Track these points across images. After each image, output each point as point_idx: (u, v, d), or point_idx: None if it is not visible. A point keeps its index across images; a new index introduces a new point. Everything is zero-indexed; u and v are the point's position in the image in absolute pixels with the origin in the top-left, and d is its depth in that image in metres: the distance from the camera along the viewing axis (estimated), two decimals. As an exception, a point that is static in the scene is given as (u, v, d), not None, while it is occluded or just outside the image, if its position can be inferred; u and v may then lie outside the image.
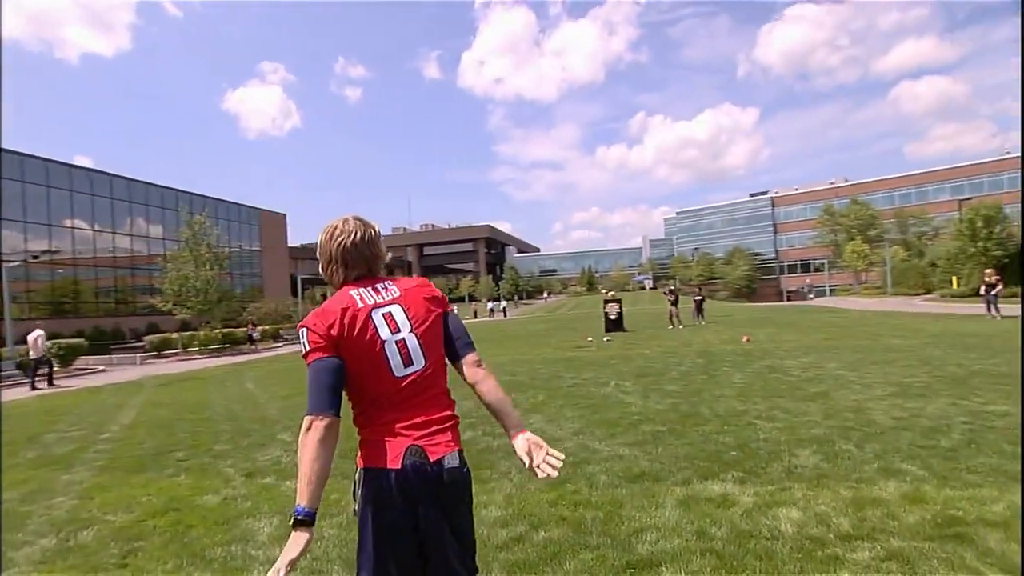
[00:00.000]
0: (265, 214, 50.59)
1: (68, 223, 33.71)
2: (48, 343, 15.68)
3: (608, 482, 3.90)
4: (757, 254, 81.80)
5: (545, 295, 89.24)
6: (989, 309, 17.29)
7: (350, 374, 1.51)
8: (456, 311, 1.79)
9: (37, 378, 14.53)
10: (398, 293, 1.63)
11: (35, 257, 30.78)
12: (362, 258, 1.67)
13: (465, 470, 1.56)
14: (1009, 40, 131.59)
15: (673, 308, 19.92)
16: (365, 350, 1.50)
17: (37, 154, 31.82)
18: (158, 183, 39.87)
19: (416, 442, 1.48)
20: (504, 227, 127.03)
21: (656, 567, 2.64)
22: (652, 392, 7.12)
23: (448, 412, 1.59)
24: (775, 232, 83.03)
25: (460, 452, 1.56)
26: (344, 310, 1.51)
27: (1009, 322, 15.14)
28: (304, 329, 1.51)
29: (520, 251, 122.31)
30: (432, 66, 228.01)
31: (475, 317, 47.18)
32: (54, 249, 31.68)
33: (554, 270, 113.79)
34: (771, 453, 4.26)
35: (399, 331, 1.55)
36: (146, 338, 22.13)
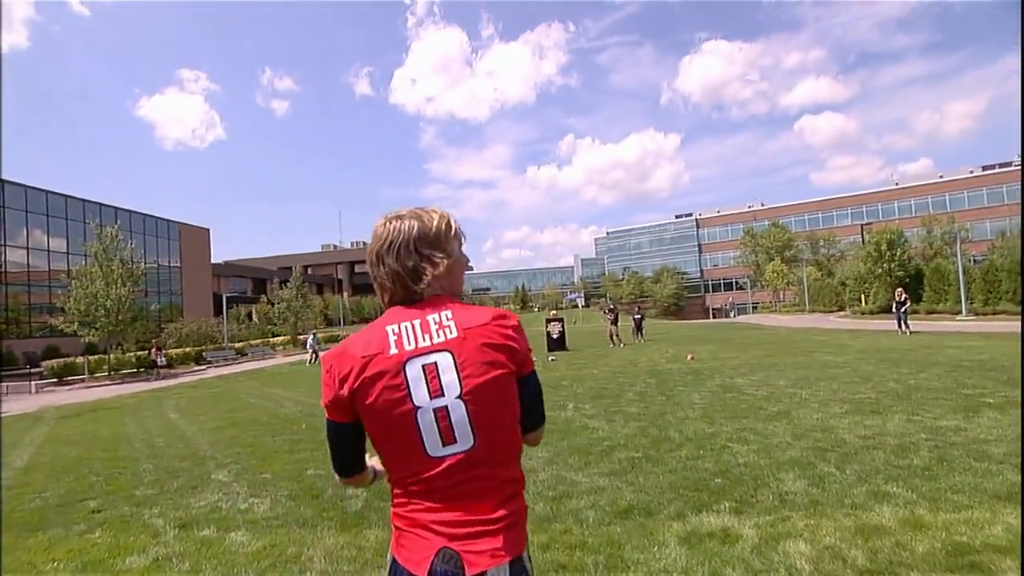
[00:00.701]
0: (186, 228, 47.44)
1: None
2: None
3: (598, 518, 3.64)
4: (683, 273, 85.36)
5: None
6: (900, 325, 18.69)
7: (374, 442, 1.15)
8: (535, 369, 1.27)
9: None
10: (455, 334, 1.13)
11: None
12: (396, 277, 1.19)
13: None
14: (890, 84, 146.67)
15: (613, 327, 20.18)
16: (389, 419, 1.09)
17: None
18: (61, 191, 36.44)
19: (451, 544, 1.08)
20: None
21: (681, 621, 2.39)
22: (615, 415, 6.97)
23: (505, 510, 1.11)
24: (700, 252, 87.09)
25: (515, 562, 1.09)
26: (366, 358, 1.10)
27: (919, 337, 16.37)
28: (324, 368, 1.16)
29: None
30: (363, 82, 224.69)
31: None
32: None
33: (487, 288, 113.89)
34: (756, 479, 4.15)
35: (442, 395, 1.09)
36: (44, 363, 19.82)
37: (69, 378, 20.79)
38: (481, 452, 1.10)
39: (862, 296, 37.21)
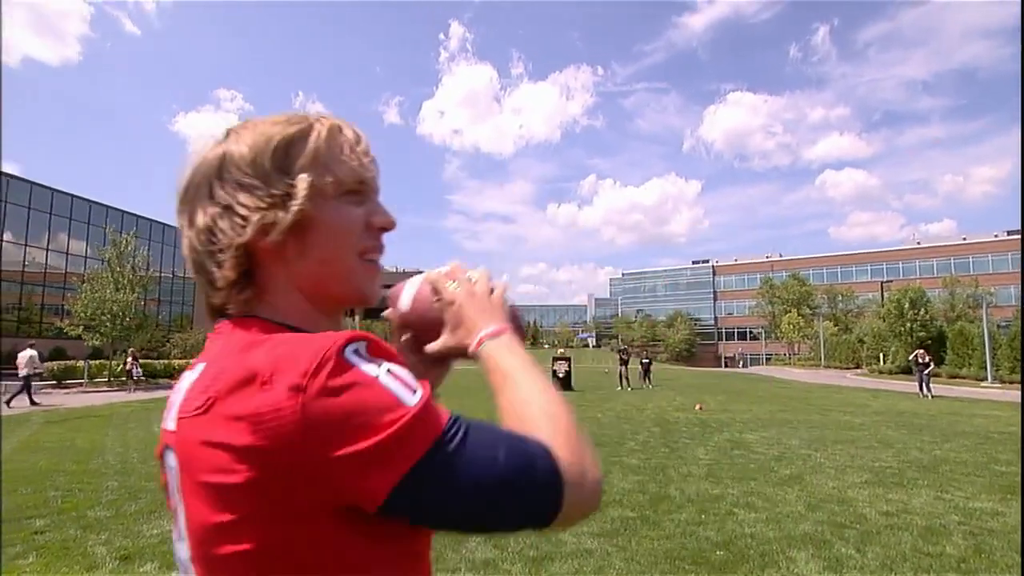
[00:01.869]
0: (203, 240, 47.91)
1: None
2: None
3: (580, 589, 3.20)
4: (697, 319, 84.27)
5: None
6: (921, 388, 17.88)
7: None
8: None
9: None
10: (175, 410, 0.55)
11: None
12: (191, 258, 0.61)
13: None
14: (914, 145, 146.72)
15: (623, 368, 19.64)
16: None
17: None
18: (86, 197, 37.19)
19: None
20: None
21: None
22: (613, 466, 6.49)
23: None
24: (715, 299, 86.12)
25: None
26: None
27: (942, 402, 15.59)
28: None
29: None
30: (392, 111, 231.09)
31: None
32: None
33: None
34: (764, 555, 3.68)
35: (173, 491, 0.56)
36: (44, 364, 19.73)
37: (68, 381, 20.61)
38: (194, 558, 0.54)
39: (880, 354, 36.14)
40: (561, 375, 19.14)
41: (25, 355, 14.93)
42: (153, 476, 6.14)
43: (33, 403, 14.53)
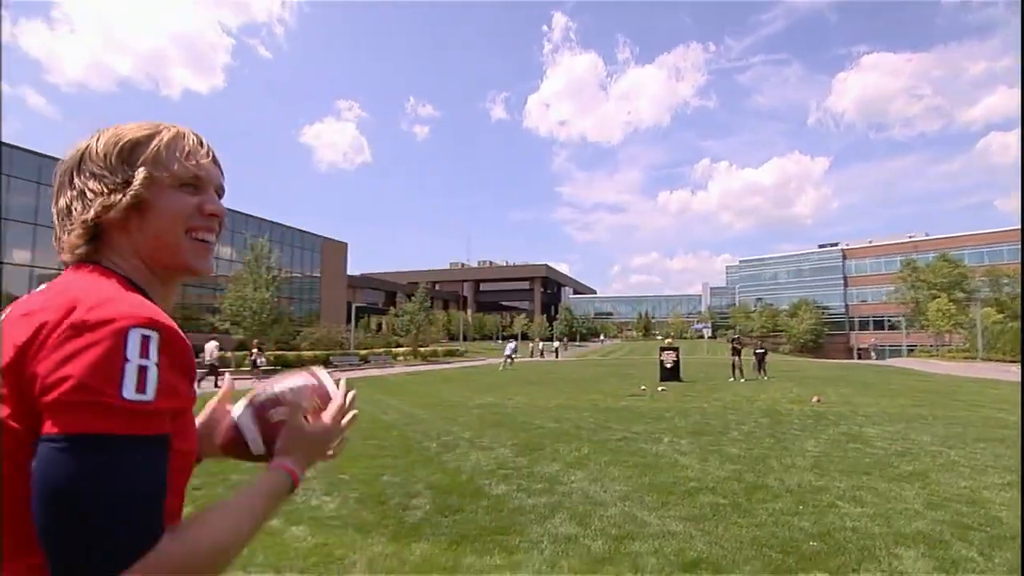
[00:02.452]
0: (327, 243, 52.38)
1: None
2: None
3: (657, 566, 3.22)
4: (824, 308, 77.40)
5: (601, 338, 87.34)
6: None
7: None
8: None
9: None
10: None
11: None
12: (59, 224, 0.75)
13: None
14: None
15: (736, 359, 18.66)
16: None
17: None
18: (232, 208, 42.16)
19: None
20: (562, 267, 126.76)
21: None
22: (711, 454, 6.29)
23: None
24: (845, 285, 78.54)
25: None
26: None
27: None
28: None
29: (576, 292, 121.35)
30: (499, 107, 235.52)
31: (531, 356, 46.36)
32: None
33: (610, 313, 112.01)
34: (864, 549, 3.44)
35: None
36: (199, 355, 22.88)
37: (220, 369, 23.66)
38: None
39: (1056, 346, 30.92)
40: (669, 365, 18.64)
41: (210, 345, 18.16)
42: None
43: (217, 386, 16.90)
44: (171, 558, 0.57)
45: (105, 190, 0.69)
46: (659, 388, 15.35)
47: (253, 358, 21.45)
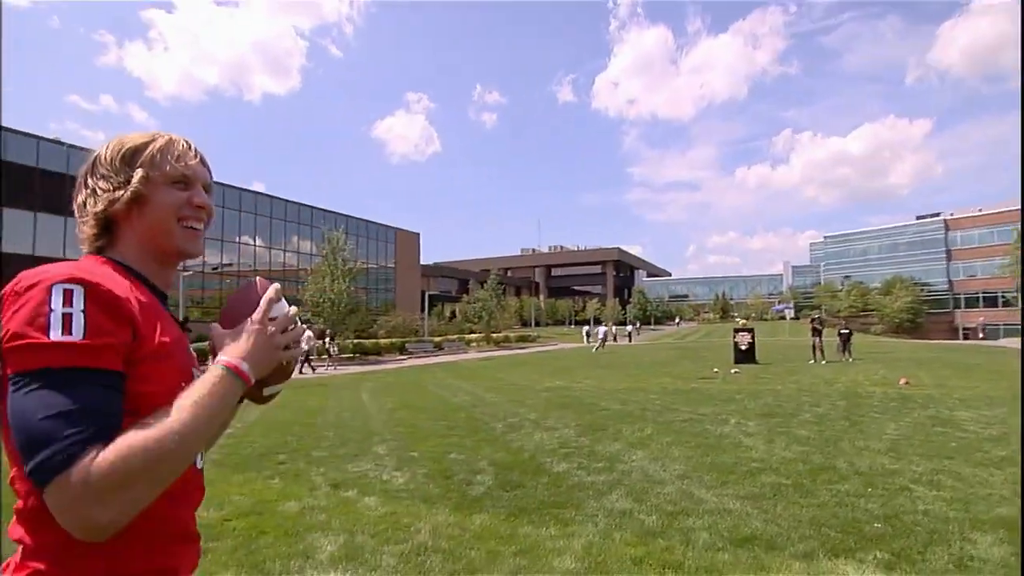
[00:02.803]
0: (401, 233, 54.17)
1: (238, 239, 38.80)
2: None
3: (709, 542, 3.26)
4: (924, 284, 71.32)
5: (676, 321, 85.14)
6: None
7: None
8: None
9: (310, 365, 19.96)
10: None
11: (213, 269, 35.80)
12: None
13: None
14: None
15: (816, 339, 17.75)
16: None
17: (218, 180, 37.24)
18: (311, 204, 44.59)
19: None
20: (635, 250, 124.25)
21: (754, 674, 2.03)
22: (779, 436, 6.14)
23: None
24: (948, 259, 71.90)
25: None
26: None
27: None
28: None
29: (650, 275, 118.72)
30: (566, 89, 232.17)
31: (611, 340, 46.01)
32: (226, 263, 36.57)
33: (685, 295, 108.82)
34: (933, 532, 3.31)
35: None
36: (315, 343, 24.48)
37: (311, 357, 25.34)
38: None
39: None
40: (743, 347, 18.03)
41: (306, 334, 19.57)
42: (360, 429, 7.45)
43: (312, 372, 19.48)
44: (104, 457, 0.65)
45: (111, 188, 0.86)
46: (732, 371, 14.91)
47: (327, 347, 22.88)
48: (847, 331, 19.19)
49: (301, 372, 18.75)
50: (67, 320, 0.69)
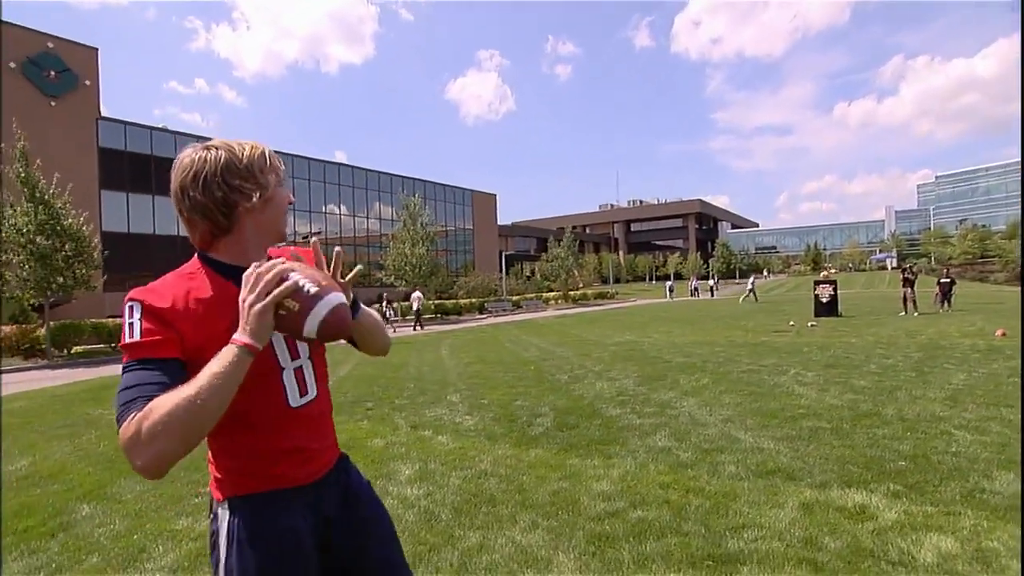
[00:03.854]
0: (477, 195, 55.16)
1: (325, 209, 41.37)
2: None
3: (734, 473, 3.65)
4: (1060, 225, 63.16)
5: (764, 273, 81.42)
6: None
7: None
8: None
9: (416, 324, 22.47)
10: None
11: (304, 237, 38.58)
12: (207, 210, 1.12)
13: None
14: None
15: (908, 291, 16.71)
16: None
17: (305, 154, 39.81)
18: (391, 171, 46.42)
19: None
20: (720, 201, 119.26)
21: (738, 564, 2.46)
22: (834, 385, 6.24)
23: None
24: (1092, 195, 63.00)
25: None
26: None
27: None
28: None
29: (735, 227, 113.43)
30: (643, 34, 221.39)
31: (690, 295, 45.28)
32: (316, 231, 39.27)
33: (773, 247, 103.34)
34: (955, 469, 3.49)
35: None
36: (373, 307, 26.33)
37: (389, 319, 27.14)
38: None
39: None
40: (825, 300, 17.37)
41: (414, 295, 23.28)
42: (437, 381, 8.27)
43: (420, 328, 22.05)
44: (138, 418, 0.90)
45: (252, 189, 1.09)
46: (809, 324, 14.53)
47: (384, 310, 23.46)
48: (948, 280, 17.87)
49: (415, 330, 21.75)
50: (131, 329, 1.01)
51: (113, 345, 17.17)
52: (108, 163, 29.32)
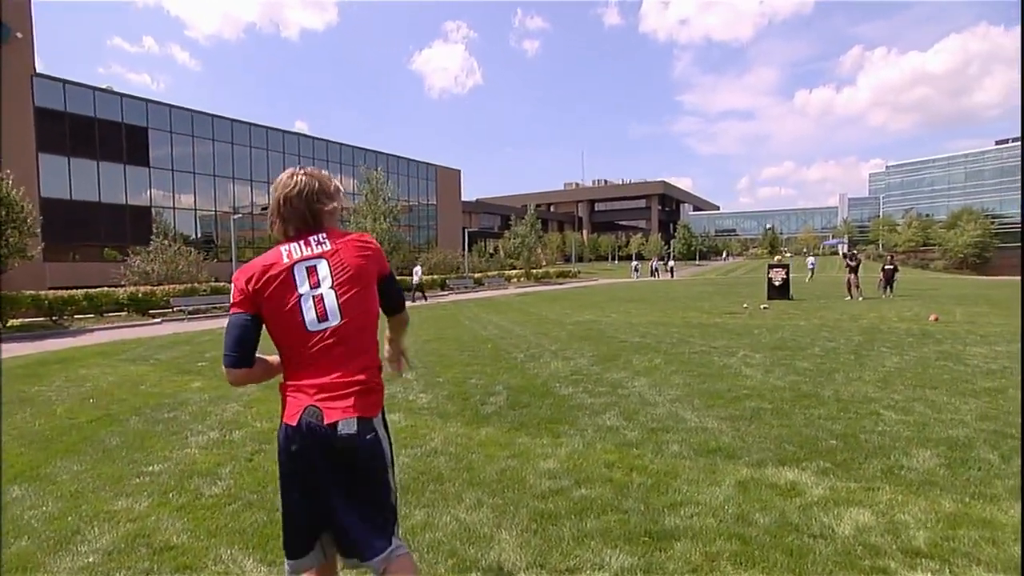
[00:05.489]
0: (441, 170, 54.38)
1: (285, 180, 40.18)
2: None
3: (677, 452, 3.78)
4: (996, 217, 66.87)
5: (724, 256, 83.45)
6: None
7: (269, 330, 1.59)
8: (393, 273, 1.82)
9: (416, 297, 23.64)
10: (329, 247, 1.61)
11: (263, 209, 37.38)
12: (298, 213, 1.65)
13: (368, 437, 1.52)
14: None
15: (852, 276, 17.45)
16: (280, 305, 1.54)
17: (264, 123, 38.33)
18: (354, 144, 45.18)
19: (315, 402, 1.49)
20: (683, 183, 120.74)
21: (672, 540, 2.57)
22: (778, 367, 6.50)
23: (361, 376, 1.54)
24: (1027, 188, 66.73)
25: (362, 419, 1.51)
26: (266, 266, 1.57)
27: None
28: (234, 278, 1.64)
29: (697, 209, 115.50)
30: (612, 12, 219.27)
31: (650, 275, 46.08)
32: (275, 202, 38.26)
33: (733, 230, 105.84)
34: (878, 448, 3.71)
35: (319, 286, 1.55)
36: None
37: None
38: (347, 327, 1.54)
39: None
40: (777, 283, 17.97)
41: (417, 269, 25.26)
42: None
43: (421, 300, 23.62)
44: (231, 376, 1.62)
45: (339, 202, 1.77)
46: (762, 306, 15.04)
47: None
48: (891, 267, 18.72)
49: (413, 301, 22.84)
50: (233, 293, 1.61)
51: (54, 318, 16.40)
52: (46, 124, 27.55)
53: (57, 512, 3.13)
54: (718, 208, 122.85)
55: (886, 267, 18.80)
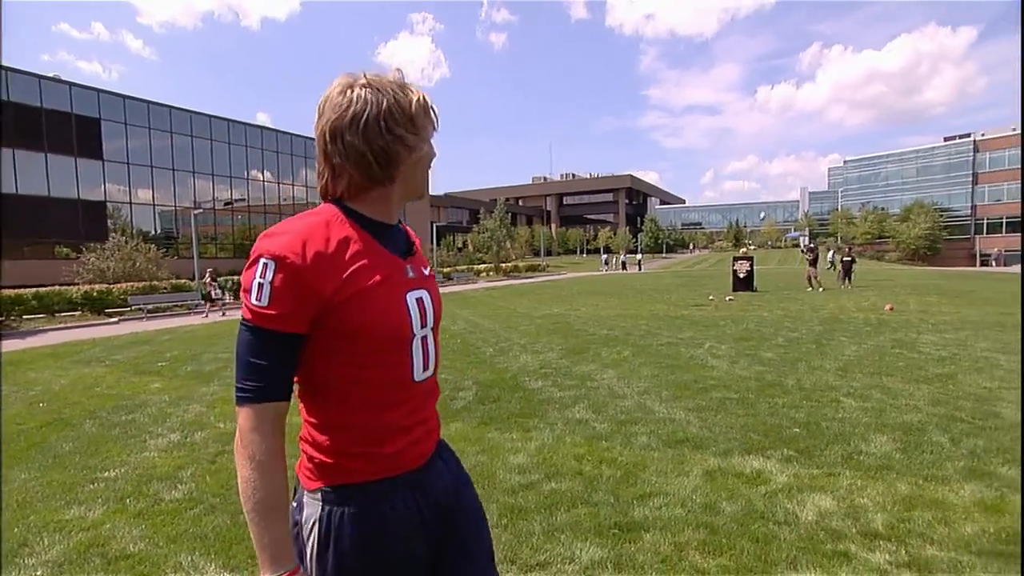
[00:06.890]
0: (409, 164, 53.61)
1: (247, 175, 39.02)
2: (222, 279, 18.82)
3: (645, 444, 3.82)
4: (945, 210, 69.70)
5: (691, 248, 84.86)
6: None
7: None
8: None
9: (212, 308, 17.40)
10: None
11: (225, 204, 36.31)
12: (363, 160, 1.01)
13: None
14: None
15: (811, 268, 17.99)
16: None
17: (225, 115, 37.11)
18: (311, 135, 44.13)
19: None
20: (650, 177, 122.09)
21: (641, 531, 2.59)
22: (744, 358, 6.65)
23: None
24: (974, 183, 69.79)
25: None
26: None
27: None
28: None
29: (664, 202, 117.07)
30: (579, 5, 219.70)
31: (619, 269, 46.53)
32: (239, 197, 37.06)
33: (699, 223, 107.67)
34: (839, 434, 3.83)
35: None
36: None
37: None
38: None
39: None
40: (742, 275, 18.37)
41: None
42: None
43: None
44: (245, 425, 0.89)
45: (416, 138, 1.01)
46: (727, 298, 15.35)
47: (208, 290, 17.56)
48: (849, 259, 19.34)
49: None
50: (260, 290, 0.89)
51: (1, 319, 15.60)
52: (-12, 114, 26.12)
53: (3, 522, 2.97)
54: (684, 202, 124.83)
55: (844, 259, 19.42)
